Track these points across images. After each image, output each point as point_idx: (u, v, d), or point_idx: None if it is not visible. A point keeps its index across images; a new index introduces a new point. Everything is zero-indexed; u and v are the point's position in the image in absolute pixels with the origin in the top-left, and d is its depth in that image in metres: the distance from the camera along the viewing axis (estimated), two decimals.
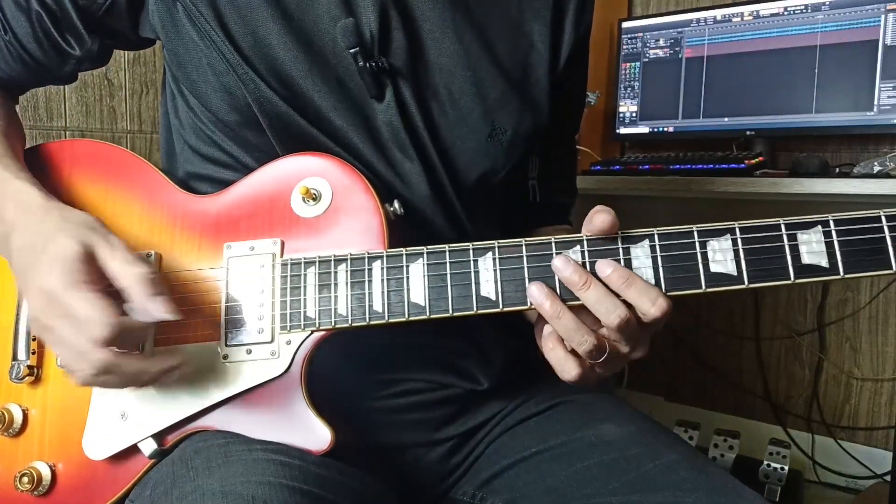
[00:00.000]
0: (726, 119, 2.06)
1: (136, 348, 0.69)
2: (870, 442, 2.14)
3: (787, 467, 1.97)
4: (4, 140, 0.79)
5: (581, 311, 0.66)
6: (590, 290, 0.64)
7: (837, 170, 1.89)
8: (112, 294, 0.65)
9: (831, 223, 0.63)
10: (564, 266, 0.65)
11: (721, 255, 0.64)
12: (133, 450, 0.72)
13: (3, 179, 0.74)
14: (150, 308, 0.65)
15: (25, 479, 0.73)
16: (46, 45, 0.81)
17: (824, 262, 0.63)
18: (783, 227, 0.64)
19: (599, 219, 0.65)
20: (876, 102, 1.82)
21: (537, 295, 0.65)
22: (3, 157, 0.76)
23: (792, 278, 0.63)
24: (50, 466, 0.74)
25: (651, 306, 0.63)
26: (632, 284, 0.64)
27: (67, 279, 0.64)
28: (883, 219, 0.62)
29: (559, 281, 0.66)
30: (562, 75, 0.87)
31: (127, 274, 0.65)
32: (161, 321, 0.66)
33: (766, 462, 1.99)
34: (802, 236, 0.63)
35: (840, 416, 2.20)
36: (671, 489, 0.70)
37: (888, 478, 1.88)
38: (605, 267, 0.65)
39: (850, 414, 2.18)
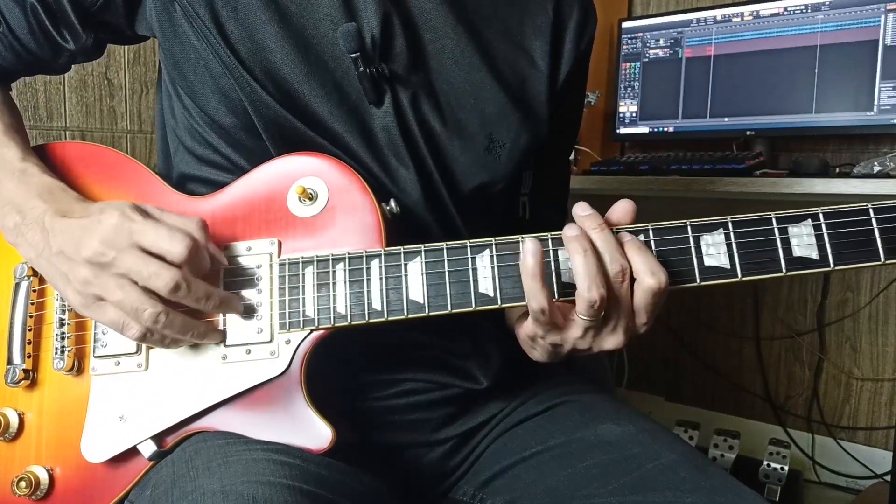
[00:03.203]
0: (726, 119, 2.06)
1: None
2: (870, 442, 2.14)
3: (787, 467, 1.97)
4: (18, 136, 0.79)
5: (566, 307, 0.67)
6: (603, 232, 0.65)
7: (837, 170, 1.89)
8: None
9: (821, 216, 0.64)
10: (584, 209, 0.67)
11: (714, 249, 0.65)
12: (132, 451, 0.72)
13: (31, 174, 0.74)
14: (209, 248, 0.69)
15: (23, 484, 0.73)
16: (41, 38, 0.81)
17: (815, 255, 0.64)
18: (774, 220, 0.65)
19: (622, 205, 0.68)
20: (876, 102, 1.82)
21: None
22: (30, 153, 0.77)
23: (784, 271, 0.64)
24: (47, 470, 0.74)
25: (649, 277, 0.64)
26: (641, 251, 0.65)
27: (131, 214, 0.67)
28: (871, 211, 0.64)
29: (556, 278, 0.67)
30: (563, 92, 0.86)
31: (181, 221, 0.69)
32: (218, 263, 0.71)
33: (766, 462, 1.99)
34: (793, 229, 0.64)
35: (840, 416, 2.19)
36: (671, 489, 0.70)
37: (888, 478, 1.88)
38: (626, 236, 0.67)
39: (850, 414, 2.18)
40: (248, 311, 0.71)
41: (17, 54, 0.82)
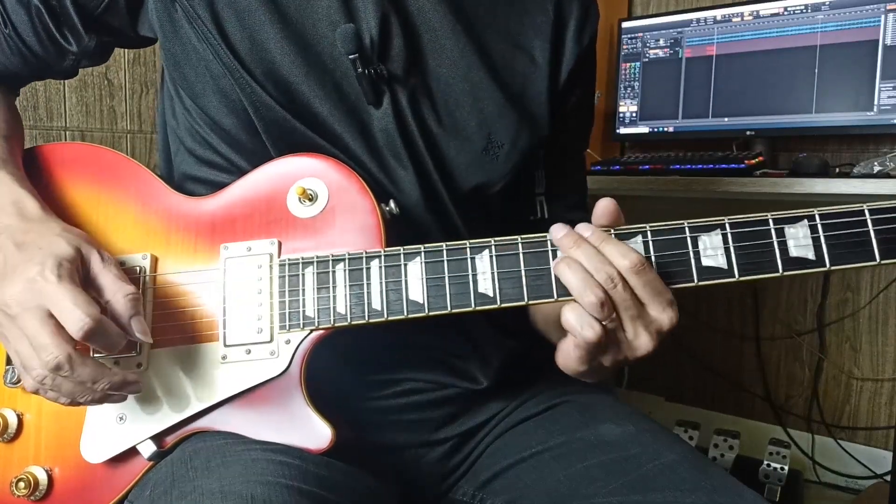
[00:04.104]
0: (726, 119, 2.06)
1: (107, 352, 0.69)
2: (870, 442, 2.14)
3: (787, 467, 1.97)
4: (5, 144, 0.79)
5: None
6: (580, 248, 0.65)
7: (837, 170, 1.89)
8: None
9: (817, 217, 0.65)
10: (559, 230, 0.67)
11: (712, 250, 0.66)
12: (132, 452, 0.72)
13: (4, 183, 0.74)
14: (130, 325, 0.67)
15: (22, 485, 0.72)
16: (45, 40, 0.81)
17: (811, 255, 0.64)
18: (771, 221, 0.65)
19: (601, 205, 0.67)
20: (876, 102, 1.82)
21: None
22: (6, 163, 0.76)
23: (780, 271, 0.65)
24: (46, 471, 0.74)
25: (622, 259, 0.64)
26: (607, 242, 0.65)
27: (55, 272, 0.64)
28: (866, 212, 0.64)
29: (556, 280, 0.66)
30: (566, 90, 0.86)
31: (115, 288, 0.67)
32: (138, 339, 0.68)
33: (766, 462, 1.99)
34: (790, 230, 0.65)
35: (840, 416, 2.19)
36: (671, 489, 0.70)
37: (888, 478, 1.88)
38: (584, 230, 0.67)
39: (850, 414, 2.18)
40: (248, 312, 0.71)
41: (22, 57, 0.82)
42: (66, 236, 0.69)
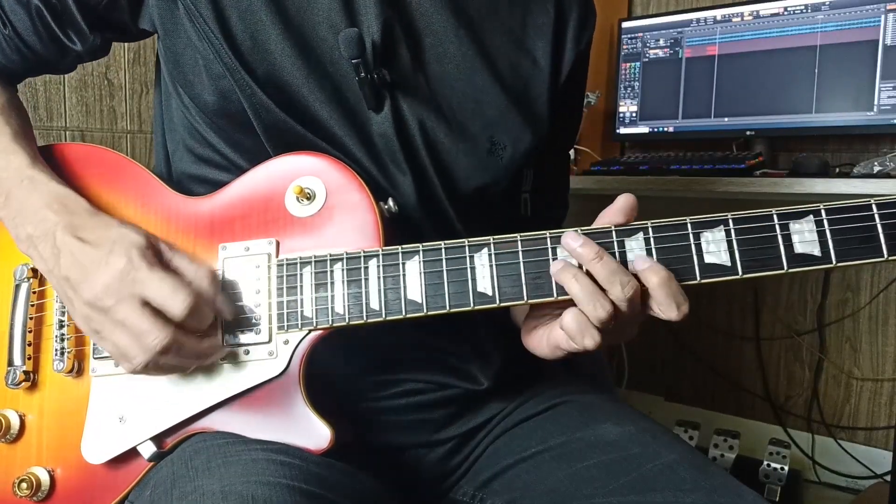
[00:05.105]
0: (726, 119, 2.06)
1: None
2: (870, 442, 2.14)
3: (787, 467, 1.97)
4: (26, 142, 0.78)
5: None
6: (602, 261, 0.64)
7: (837, 170, 1.89)
8: None
9: (823, 212, 0.63)
10: (575, 239, 0.65)
11: (715, 246, 0.65)
12: (132, 452, 0.72)
13: (40, 182, 0.74)
14: (216, 302, 0.68)
15: (24, 485, 0.73)
16: (46, 40, 0.80)
17: (817, 251, 0.63)
18: (776, 217, 0.64)
19: (623, 199, 0.67)
20: (876, 102, 1.82)
21: (573, 240, 0.65)
22: (35, 161, 0.76)
23: (785, 267, 0.64)
24: (48, 471, 0.74)
25: (653, 276, 0.63)
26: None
27: (144, 260, 0.66)
28: (874, 207, 0.63)
29: (554, 279, 0.66)
30: (561, 91, 0.86)
31: (193, 269, 0.69)
32: (224, 315, 0.70)
33: (766, 462, 1.99)
34: (795, 226, 0.64)
35: (840, 416, 2.19)
36: (671, 489, 0.70)
37: (888, 478, 1.88)
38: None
39: (850, 414, 2.18)
40: (247, 312, 0.71)
41: (23, 56, 0.82)
42: (130, 226, 0.70)
